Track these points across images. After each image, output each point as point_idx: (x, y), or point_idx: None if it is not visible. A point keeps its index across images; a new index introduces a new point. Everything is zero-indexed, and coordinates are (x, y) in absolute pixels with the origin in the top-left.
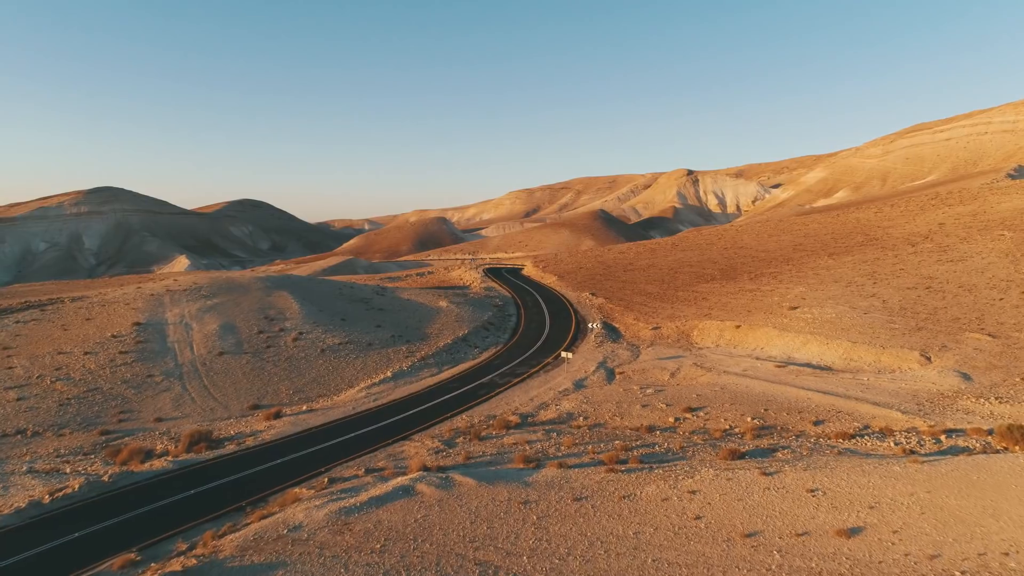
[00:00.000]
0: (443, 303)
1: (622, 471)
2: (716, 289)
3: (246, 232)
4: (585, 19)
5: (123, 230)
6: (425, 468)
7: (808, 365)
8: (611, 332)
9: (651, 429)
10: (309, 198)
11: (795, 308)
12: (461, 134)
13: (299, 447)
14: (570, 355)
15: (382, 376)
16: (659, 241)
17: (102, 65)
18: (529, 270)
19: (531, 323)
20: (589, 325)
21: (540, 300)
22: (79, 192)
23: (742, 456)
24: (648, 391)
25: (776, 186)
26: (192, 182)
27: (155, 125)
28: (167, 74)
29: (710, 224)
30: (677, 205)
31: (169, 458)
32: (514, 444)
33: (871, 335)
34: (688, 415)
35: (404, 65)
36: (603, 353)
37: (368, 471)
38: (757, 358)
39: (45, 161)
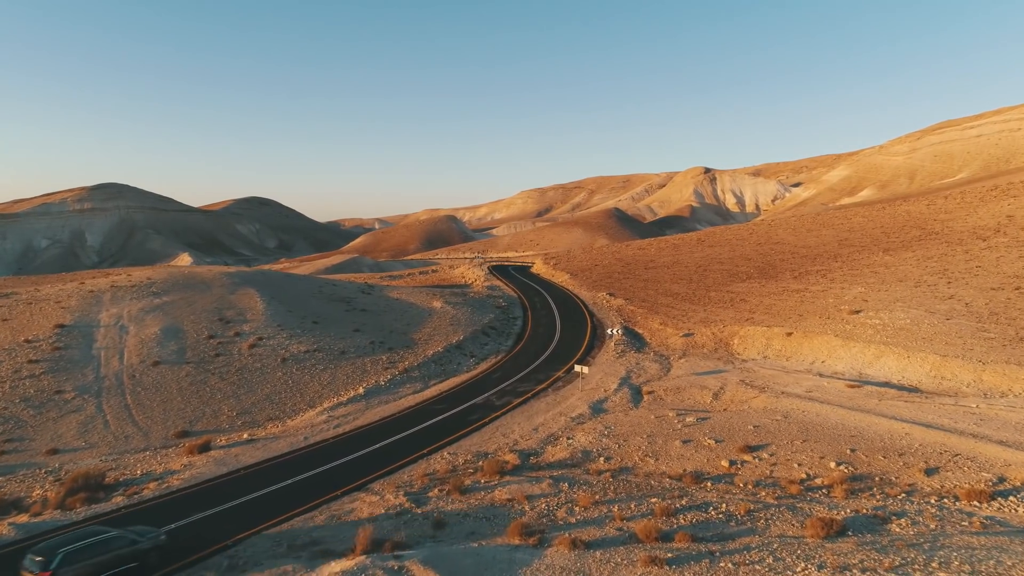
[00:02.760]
0: (437, 303)
1: (667, 558)
2: (755, 289)
3: (253, 230)
4: (600, 20)
5: (127, 227)
6: (375, 547)
7: (888, 385)
8: (634, 339)
9: (699, 478)
10: (320, 197)
11: (857, 312)
12: (475, 135)
13: (210, 501)
14: (585, 369)
15: (352, 393)
16: (683, 236)
17: (118, 64)
18: (539, 268)
19: (539, 327)
20: (607, 331)
21: (550, 301)
22: (83, 188)
23: (842, 532)
24: (688, 419)
25: (796, 185)
26: (204, 180)
27: (168, 124)
28: (187, 75)
29: (728, 224)
30: (694, 204)
31: (27, 516)
32: (509, 501)
33: (962, 347)
34: (747, 456)
35: (418, 65)
36: (626, 366)
37: (290, 548)
38: (820, 374)
39: (53, 159)
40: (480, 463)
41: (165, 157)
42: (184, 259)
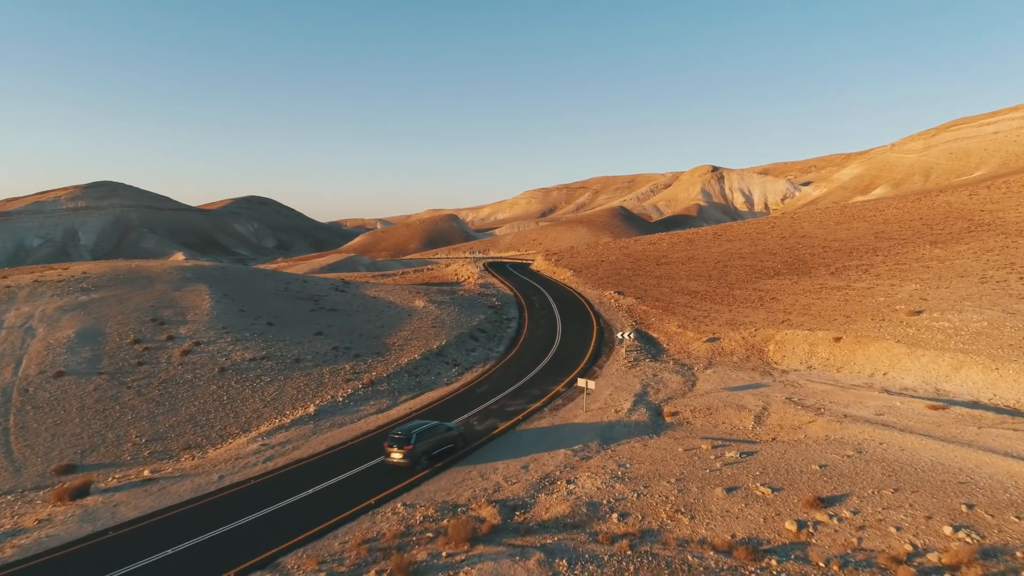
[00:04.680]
0: (419, 303)
1: None
2: (786, 286)
3: (251, 230)
4: (603, 22)
5: (121, 226)
6: None
7: (978, 405)
8: (648, 345)
9: (757, 550)
10: (323, 198)
11: (918, 312)
12: (478, 136)
13: None
14: (591, 383)
15: (299, 413)
16: (697, 231)
17: (119, 64)
18: (539, 264)
19: (537, 330)
20: (617, 335)
21: (550, 299)
22: (77, 187)
23: None
24: (728, 452)
25: (806, 184)
26: (206, 181)
27: (168, 125)
28: (190, 76)
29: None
30: (701, 203)
31: None
32: None
33: None
34: (820, 515)
35: (419, 66)
36: (641, 378)
37: None
38: (885, 390)
39: (51, 158)
40: (445, 521)
41: (167, 158)
42: (178, 259)
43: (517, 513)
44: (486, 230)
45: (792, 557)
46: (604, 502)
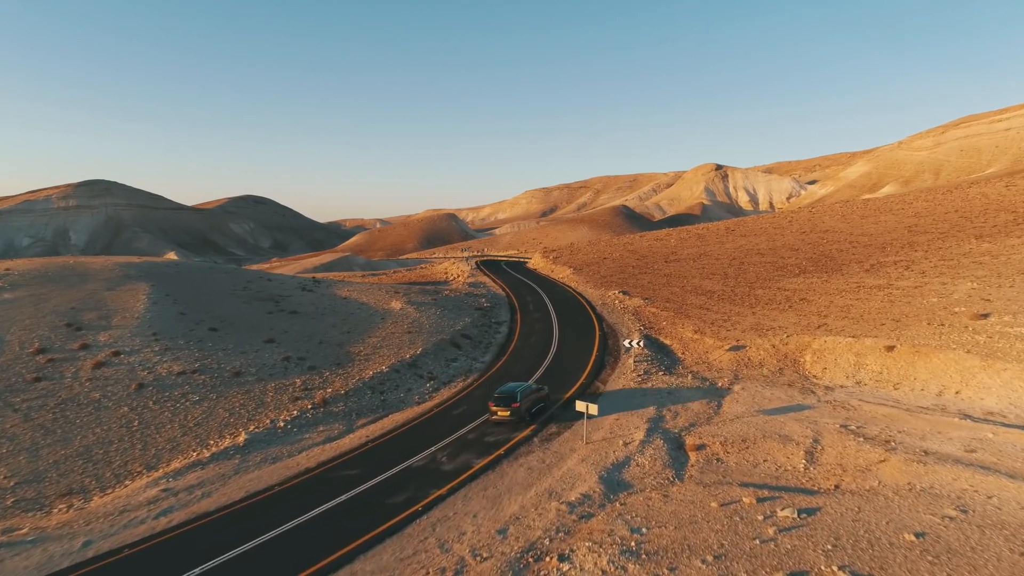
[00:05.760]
0: (396, 304)
1: None
2: (816, 285)
3: (246, 229)
4: (605, 22)
5: (113, 225)
6: None
7: None
8: (661, 354)
9: None
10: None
11: (983, 316)
12: (479, 137)
13: None
14: (594, 408)
15: (227, 442)
16: (707, 226)
17: (122, 65)
18: (536, 262)
19: (530, 336)
20: (623, 342)
21: (547, 301)
22: (68, 185)
23: None
24: (780, 511)
25: (812, 182)
26: (206, 181)
27: (170, 125)
28: (202, 78)
29: None
30: (705, 202)
31: None
32: None
33: None
34: None
35: (421, 67)
36: (654, 397)
37: None
38: (966, 415)
39: (46, 158)
40: None
41: (166, 157)
42: (170, 258)
43: None
44: (486, 230)
45: None
46: None
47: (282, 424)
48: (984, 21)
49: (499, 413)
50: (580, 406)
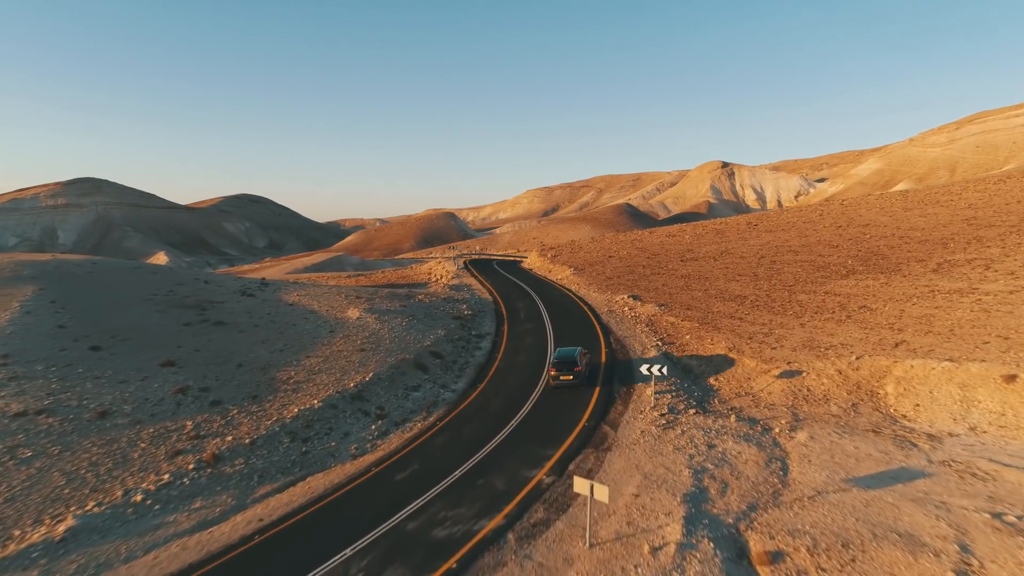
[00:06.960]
0: (353, 312)
1: None
2: (874, 289)
3: (241, 229)
4: (605, 22)
5: (103, 224)
6: None
7: None
8: (686, 379)
9: None
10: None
11: None
12: (480, 137)
13: None
14: (602, 489)
15: (40, 533)
16: (726, 220)
17: (124, 64)
18: (532, 261)
19: (517, 354)
20: (641, 368)
21: (542, 308)
22: (58, 183)
23: None
24: None
25: (821, 180)
26: (207, 181)
27: (171, 125)
28: (204, 79)
29: None
30: (711, 200)
31: None
32: None
33: None
34: None
35: (422, 67)
36: (688, 454)
37: None
38: None
39: (40, 158)
40: None
41: (168, 158)
42: (160, 258)
43: None
44: (487, 229)
45: None
46: None
47: (139, 497)
48: (992, 19)
49: (562, 378)
50: (580, 486)
